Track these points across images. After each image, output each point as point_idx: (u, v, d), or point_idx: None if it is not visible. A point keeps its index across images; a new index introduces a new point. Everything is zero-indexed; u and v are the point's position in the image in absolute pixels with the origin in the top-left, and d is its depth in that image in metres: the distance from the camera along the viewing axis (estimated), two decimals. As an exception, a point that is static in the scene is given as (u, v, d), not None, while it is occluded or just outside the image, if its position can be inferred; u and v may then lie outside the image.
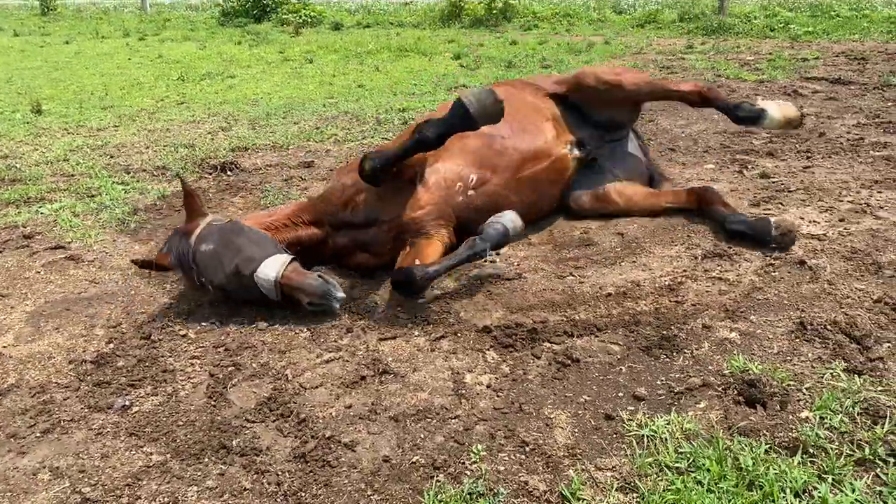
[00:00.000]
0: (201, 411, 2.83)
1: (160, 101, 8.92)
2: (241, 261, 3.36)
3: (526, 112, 4.25)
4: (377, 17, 16.32)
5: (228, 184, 5.58)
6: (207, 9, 20.71)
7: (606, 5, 14.62)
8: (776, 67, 8.41)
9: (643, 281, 3.63)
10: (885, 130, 5.77)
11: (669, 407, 2.66)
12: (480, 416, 2.69)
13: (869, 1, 12.04)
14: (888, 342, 2.95)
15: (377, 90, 8.79)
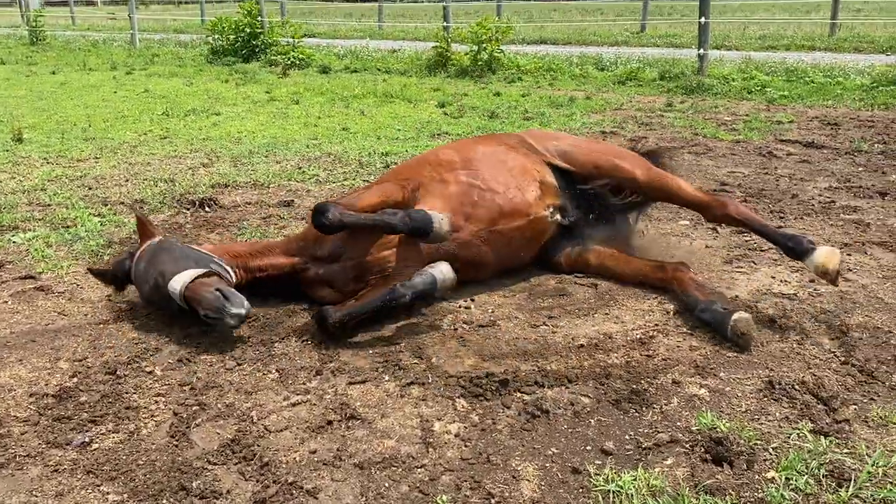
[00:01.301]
0: (162, 451, 2.77)
1: (143, 135, 8.92)
2: (159, 275, 3.57)
3: (514, 170, 4.18)
4: (365, 63, 16.52)
5: (206, 220, 5.56)
6: (197, 46, 20.85)
7: (589, 62, 14.92)
8: (752, 129, 8.61)
9: (615, 333, 3.65)
10: (855, 195, 5.89)
11: (637, 462, 2.64)
12: (447, 467, 2.65)
13: (842, 69, 12.41)
14: (854, 404, 2.97)
15: (361, 133, 8.86)
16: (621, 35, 22.06)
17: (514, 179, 4.16)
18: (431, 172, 4.15)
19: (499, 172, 4.15)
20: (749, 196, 5.90)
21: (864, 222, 5.20)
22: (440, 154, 4.32)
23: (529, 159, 4.34)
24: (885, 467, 2.54)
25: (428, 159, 4.30)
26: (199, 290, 3.44)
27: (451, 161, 4.21)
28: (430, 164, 4.22)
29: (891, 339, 3.50)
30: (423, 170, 4.18)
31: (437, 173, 4.13)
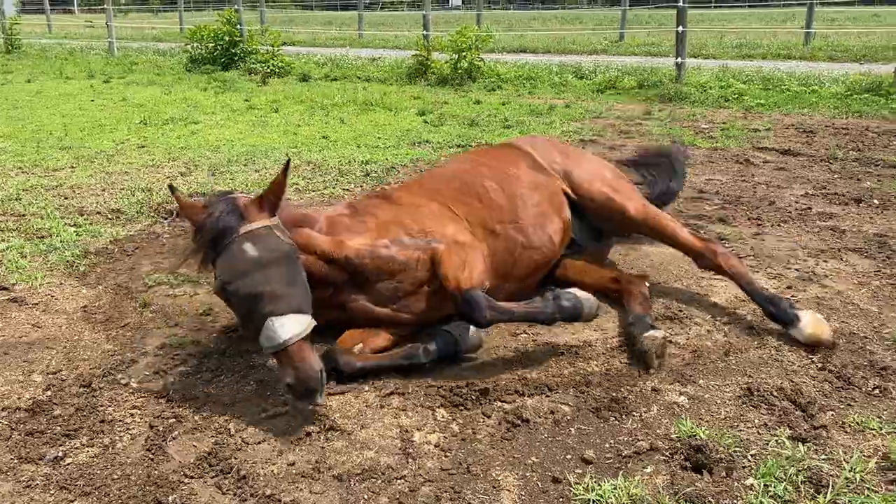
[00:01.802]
0: (138, 465, 2.73)
1: (121, 144, 8.84)
2: (269, 291, 2.84)
3: (547, 215, 4.00)
4: (345, 71, 16.49)
5: (183, 229, 5.51)
6: (175, 54, 20.72)
7: (568, 70, 14.99)
8: (730, 136, 8.69)
9: (595, 341, 3.65)
10: (831, 201, 5.96)
11: (617, 471, 2.64)
12: (427, 477, 2.64)
13: (817, 78, 12.57)
14: (832, 410, 2.99)
15: (341, 142, 8.84)
16: (600, 44, 22.23)
17: (547, 226, 3.97)
18: (483, 215, 3.82)
19: (536, 220, 3.93)
20: (727, 203, 5.95)
21: (840, 229, 5.25)
22: (490, 193, 3.91)
23: (553, 192, 4.12)
24: (863, 473, 2.56)
25: (478, 191, 3.90)
26: (305, 357, 2.80)
27: (501, 206, 3.88)
28: (481, 200, 3.87)
29: (867, 345, 3.53)
30: (472, 204, 3.84)
31: (489, 219, 3.82)
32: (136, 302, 4.22)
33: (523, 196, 3.98)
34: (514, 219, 3.88)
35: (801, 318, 3.52)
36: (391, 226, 3.56)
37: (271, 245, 2.94)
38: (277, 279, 2.87)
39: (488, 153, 4.44)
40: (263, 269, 2.87)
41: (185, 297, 4.29)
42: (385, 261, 3.41)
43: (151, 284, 4.48)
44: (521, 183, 4.04)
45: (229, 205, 3.04)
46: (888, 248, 4.82)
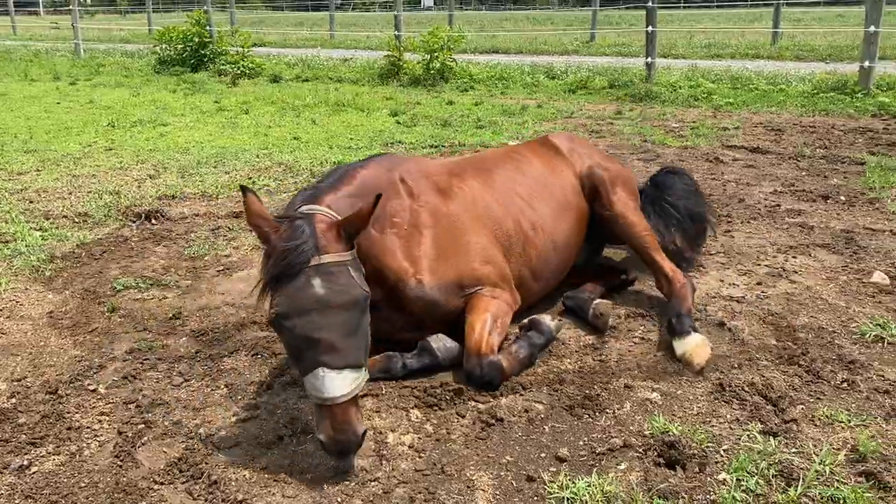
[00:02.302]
0: (106, 472, 2.68)
1: (88, 147, 8.70)
2: (327, 341, 2.55)
3: (577, 231, 4.04)
4: (316, 72, 16.39)
5: (152, 232, 5.43)
6: (144, 56, 20.44)
7: (540, 71, 15.04)
8: (699, 135, 8.78)
9: (568, 339, 3.66)
10: (799, 198, 6.04)
11: (591, 468, 2.64)
12: (401, 479, 2.62)
13: (784, 76, 12.75)
14: (802, 404, 3.03)
15: (313, 143, 8.78)
16: (571, 45, 22.34)
17: (574, 234, 4.01)
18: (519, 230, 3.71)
19: (565, 227, 3.94)
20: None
21: (808, 225, 5.32)
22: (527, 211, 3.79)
23: (583, 214, 4.11)
24: (832, 465, 2.59)
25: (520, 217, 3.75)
26: (348, 419, 2.54)
27: (535, 222, 3.78)
28: (518, 231, 3.70)
29: (835, 339, 3.58)
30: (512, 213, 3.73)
31: (524, 234, 3.72)
32: (104, 306, 4.15)
33: (561, 232, 3.92)
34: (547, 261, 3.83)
35: (688, 336, 3.40)
36: (448, 259, 3.33)
37: (342, 286, 2.61)
38: (339, 327, 2.57)
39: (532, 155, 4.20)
40: (327, 313, 2.55)
41: (153, 301, 4.23)
42: (427, 303, 3.26)
43: (120, 288, 4.40)
44: (561, 201, 3.99)
45: (307, 228, 2.67)
46: (855, 243, 4.89)
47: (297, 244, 2.60)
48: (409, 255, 3.24)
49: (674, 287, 3.78)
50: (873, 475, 2.53)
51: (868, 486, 2.49)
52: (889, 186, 6.25)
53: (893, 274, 4.35)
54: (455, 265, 3.31)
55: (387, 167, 3.40)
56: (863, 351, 3.47)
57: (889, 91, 10.75)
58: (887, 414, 2.94)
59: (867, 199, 5.94)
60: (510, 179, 3.90)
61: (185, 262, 4.85)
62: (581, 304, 3.81)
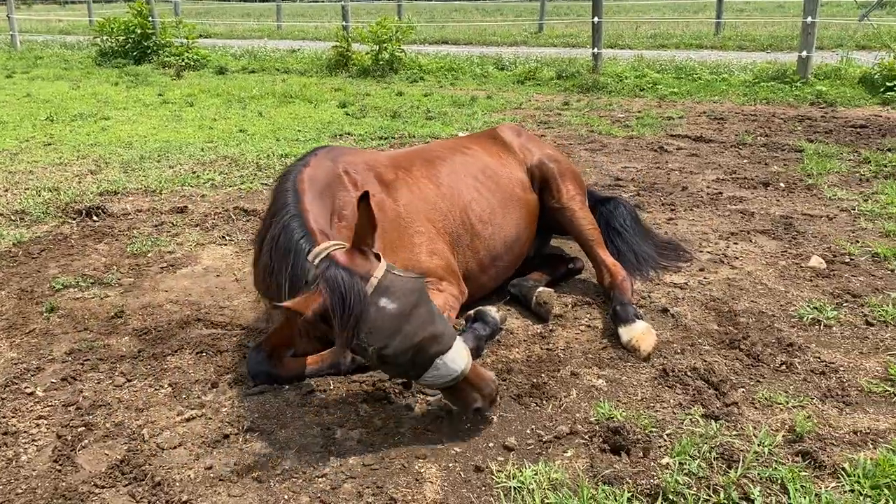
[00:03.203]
0: (44, 477, 2.61)
1: (25, 142, 8.42)
2: (428, 336, 2.62)
3: (526, 221, 4.05)
4: (263, 63, 16.14)
5: (93, 229, 5.29)
6: (84, 48, 19.84)
7: (489, 62, 15.06)
8: (645, 125, 8.91)
9: (516, 329, 3.68)
10: (740, 186, 6.18)
11: (538, 456, 2.67)
12: (349, 474, 2.61)
13: (727, 66, 13.00)
14: (742, 387, 3.10)
15: (259, 135, 8.65)
16: (520, 35, 22.42)
17: (523, 227, 4.02)
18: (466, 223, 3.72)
19: (514, 227, 3.95)
20: (642, 190, 6.09)
21: (749, 212, 5.45)
22: (473, 204, 3.79)
23: (531, 209, 4.13)
24: (771, 446, 2.66)
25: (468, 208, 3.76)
26: (482, 375, 2.77)
27: (481, 215, 3.79)
28: (465, 225, 3.72)
29: (774, 323, 3.67)
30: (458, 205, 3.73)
31: (471, 227, 3.74)
32: (42, 307, 4.03)
33: (506, 199, 3.95)
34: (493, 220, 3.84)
35: (633, 324, 3.47)
36: (395, 252, 3.29)
37: (402, 289, 2.64)
38: (427, 318, 2.64)
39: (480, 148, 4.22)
40: (409, 319, 2.60)
41: (94, 300, 4.12)
42: None
43: (59, 288, 4.28)
44: (509, 194, 4.00)
45: (340, 270, 2.60)
46: (794, 229, 5.02)
47: (345, 294, 2.53)
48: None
49: (615, 280, 3.84)
50: (809, 454, 2.61)
51: (804, 465, 2.57)
52: (826, 173, 6.43)
53: (830, 258, 4.48)
54: (401, 259, 3.29)
55: (330, 159, 3.37)
56: (800, 334, 3.57)
57: (826, 80, 11.05)
58: (823, 395, 3.03)
59: (805, 185, 6.11)
60: (457, 172, 3.90)
61: (128, 260, 4.73)
62: (525, 293, 3.86)
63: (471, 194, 3.83)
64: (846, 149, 7.32)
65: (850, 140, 7.75)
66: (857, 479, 2.46)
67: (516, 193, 4.06)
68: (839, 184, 6.13)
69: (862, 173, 6.39)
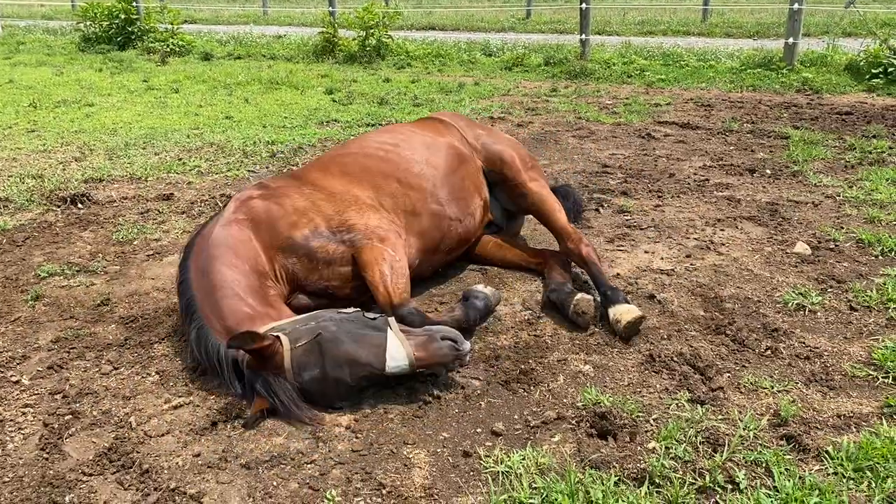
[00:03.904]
0: (31, 465, 2.60)
1: (7, 129, 8.32)
2: (361, 368, 2.83)
3: (470, 190, 4.07)
4: (249, 49, 16.01)
5: (78, 217, 5.25)
6: (67, 33, 19.60)
7: (477, 48, 15.01)
8: (632, 111, 8.92)
9: (504, 315, 3.69)
10: (727, 172, 6.20)
11: (525, 441, 2.69)
12: (338, 460, 2.61)
13: (714, 53, 13.02)
14: (728, 372, 3.13)
15: (245, 122, 8.59)
16: (508, 21, 22.34)
17: (470, 203, 4.04)
18: (404, 197, 3.76)
19: (460, 195, 3.98)
20: (629, 176, 6.10)
21: (736, 198, 5.48)
22: (411, 168, 3.87)
23: (478, 171, 4.20)
24: (756, 430, 2.69)
25: (397, 171, 3.83)
26: (429, 352, 2.87)
27: (421, 185, 3.84)
28: (399, 181, 3.79)
29: (760, 309, 3.70)
30: (390, 186, 3.76)
31: (409, 199, 3.77)
32: (27, 295, 4.00)
33: (447, 174, 3.98)
34: (436, 198, 3.86)
35: (620, 306, 3.48)
36: (310, 214, 3.44)
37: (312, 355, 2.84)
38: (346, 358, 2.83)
39: (411, 126, 4.38)
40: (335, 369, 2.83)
41: (80, 288, 4.10)
42: (308, 254, 3.34)
43: (44, 276, 4.25)
44: (444, 160, 4.03)
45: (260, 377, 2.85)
46: (779, 215, 5.05)
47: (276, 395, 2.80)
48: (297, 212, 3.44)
49: (582, 250, 3.91)
50: (794, 438, 2.64)
51: (789, 449, 2.60)
52: (811, 160, 6.47)
53: (815, 244, 4.52)
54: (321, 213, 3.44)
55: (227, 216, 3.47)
56: (786, 319, 3.60)
57: (812, 67, 11.09)
58: (807, 379, 3.06)
59: (791, 172, 6.14)
60: (391, 143, 4.02)
61: (114, 247, 4.70)
62: (563, 299, 3.64)
63: (408, 158, 3.93)
64: (831, 135, 7.36)
65: (836, 127, 7.79)
66: (841, 462, 2.50)
67: (455, 152, 4.13)
68: (824, 170, 6.16)
69: (847, 160, 6.43)
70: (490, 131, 4.48)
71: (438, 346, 2.88)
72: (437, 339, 2.89)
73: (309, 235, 3.36)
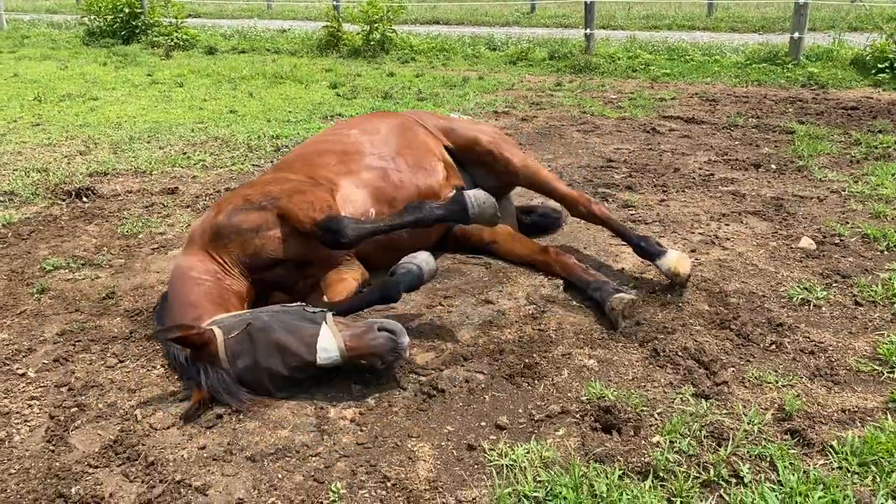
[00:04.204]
0: (37, 457, 2.61)
1: (13, 123, 8.34)
2: (292, 358, 2.86)
3: (421, 149, 4.21)
4: (253, 43, 16.02)
5: (83, 211, 5.26)
6: (71, 27, 19.64)
7: (481, 42, 14.99)
8: (637, 106, 8.90)
9: (508, 310, 3.69)
10: (732, 167, 6.19)
11: (530, 435, 2.69)
12: (342, 453, 2.62)
13: (719, 48, 12.98)
14: (732, 367, 3.13)
15: (250, 116, 8.60)
16: (512, 15, 22.30)
17: (426, 159, 4.16)
18: (339, 164, 3.90)
19: (410, 153, 4.12)
20: (634, 171, 6.09)
21: (741, 193, 5.47)
22: (344, 139, 4.10)
23: (429, 138, 4.36)
24: (760, 424, 2.69)
25: (332, 147, 4.04)
26: (362, 343, 2.85)
27: (360, 145, 4.05)
28: (334, 153, 3.98)
29: (765, 303, 3.70)
30: (326, 160, 3.92)
31: (346, 165, 3.91)
32: (33, 288, 4.01)
33: (386, 137, 4.17)
34: (376, 156, 4.03)
35: (667, 254, 3.78)
36: (232, 200, 3.55)
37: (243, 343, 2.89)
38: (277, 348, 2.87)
39: (380, 113, 4.68)
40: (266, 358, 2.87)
41: (86, 282, 4.11)
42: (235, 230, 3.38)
43: (49, 269, 4.26)
44: (383, 128, 4.23)
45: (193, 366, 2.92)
46: (784, 210, 5.04)
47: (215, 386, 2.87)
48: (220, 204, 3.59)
49: (594, 209, 4.14)
50: (798, 432, 2.64)
51: (793, 443, 2.60)
52: (817, 154, 6.45)
53: (820, 239, 4.51)
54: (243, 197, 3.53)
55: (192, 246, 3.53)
56: (790, 314, 3.60)
57: (818, 62, 11.05)
58: (812, 373, 3.06)
59: (796, 167, 6.13)
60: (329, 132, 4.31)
61: (118, 241, 4.71)
62: (603, 297, 3.62)
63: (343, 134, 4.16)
64: (837, 130, 7.34)
65: (842, 122, 7.77)
66: (845, 457, 2.50)
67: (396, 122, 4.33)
68: (830, 165, 6.15)
69: (853, 155, 6.41)
70: (450, 119, 4.71)
71: (373, 337, 2.84)
72: (374, 330, 2.86)
73: (230, 213, 3.44)
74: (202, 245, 3.41)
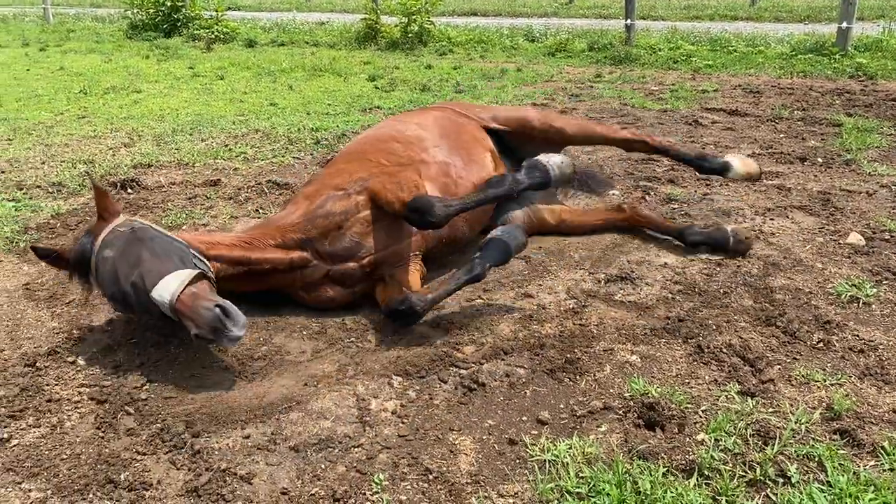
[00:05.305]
0: (88, 443, 2.67)
1: (60, 115, 8.53)
2: (138, 276, 2.95)
3: (471, 143, 4.21)
4: (292, 36, 16.15)
5: (128, 202, 5.36)
6: (115, 21, 20.01)
7: (519, 33, 14.91)
8: (679, 98, 8.77)
9: (549, 304, 3.67)
10: (777, 161, 6.07)
11: (572, 431, 2.68)
12: (384, 444, 2.63)
13: (763, 38, 12.73)
14: (779, 364, 3.07)
15: (290, 109, 8.67)
16: (550, 6, 22.14)
17: (476, 153, 4.17)
18: (407, 151, 3.93)
19: (462, 147, 4.12)
20: (676, 164, 6.00)
21: (786, 187, 5.36)
22: (406, 131, 4.11)
23: (475, 129, 4.38)
24: (808, 424, 2.64)
25: (395, 137, 4.06)
26: (193, 305, 2.85)
27: (421, 137, 4.06)
28: (398, 142, 4.00)
29: (812, 300, 3.62)
30: (393, 148, 3.94)
31: (414, 152, 3.93)
32: (81, 277, 4.10)
33: (446, 127, 4.22)
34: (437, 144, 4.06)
35: (732, 164, 4.00)
36: (321, 190, 3.61)
37: (117, 240, 3.06)
38: (136, 261, 3.00)
39: (407, 112, 4.76)
40: (120, 261, 3.01)
41: (132, 272, 4.18)
42: (324, 218, 3.46)
43: (96, 259, 4.35)
44: (440, 124, 4.25)
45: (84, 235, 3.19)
46: (832, 205, 4.93)
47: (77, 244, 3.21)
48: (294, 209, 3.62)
49: (654, 142, 4.44)
50: (847, 433, 2.58)
51: (842, 444, 2.54)
52: (865, 148, 6.29)
53: (869, 235, 4.40)
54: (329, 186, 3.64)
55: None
56: (838, 311, 3.52)
57: (866, 52, 10.78)
58: (861, 373, 2.99)
59: (844, 160, 5.98)
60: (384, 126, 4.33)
61: (163, 232, 4.79)
62: (715, 235, 4.09)
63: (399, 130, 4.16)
64: (887, 123, 7.15)
65: (891, 114, 7.56)
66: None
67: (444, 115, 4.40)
68: (879, 159, 5.99)
69: (903, 148, 6.24)
70: (498, 107, 4.83)
71: (204, 307, 2.83)
72: (211, 305, 2.82)
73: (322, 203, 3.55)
74: None
